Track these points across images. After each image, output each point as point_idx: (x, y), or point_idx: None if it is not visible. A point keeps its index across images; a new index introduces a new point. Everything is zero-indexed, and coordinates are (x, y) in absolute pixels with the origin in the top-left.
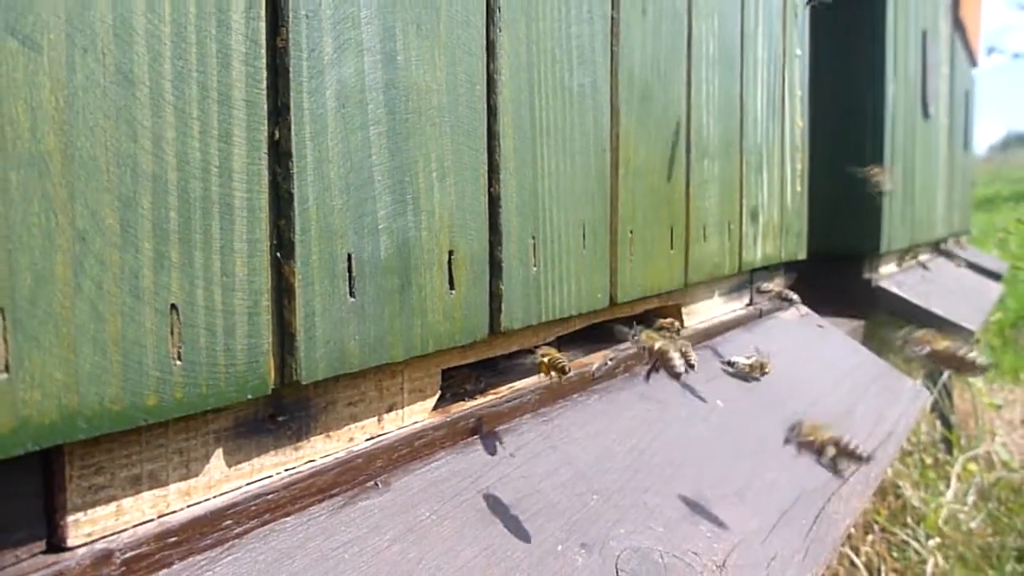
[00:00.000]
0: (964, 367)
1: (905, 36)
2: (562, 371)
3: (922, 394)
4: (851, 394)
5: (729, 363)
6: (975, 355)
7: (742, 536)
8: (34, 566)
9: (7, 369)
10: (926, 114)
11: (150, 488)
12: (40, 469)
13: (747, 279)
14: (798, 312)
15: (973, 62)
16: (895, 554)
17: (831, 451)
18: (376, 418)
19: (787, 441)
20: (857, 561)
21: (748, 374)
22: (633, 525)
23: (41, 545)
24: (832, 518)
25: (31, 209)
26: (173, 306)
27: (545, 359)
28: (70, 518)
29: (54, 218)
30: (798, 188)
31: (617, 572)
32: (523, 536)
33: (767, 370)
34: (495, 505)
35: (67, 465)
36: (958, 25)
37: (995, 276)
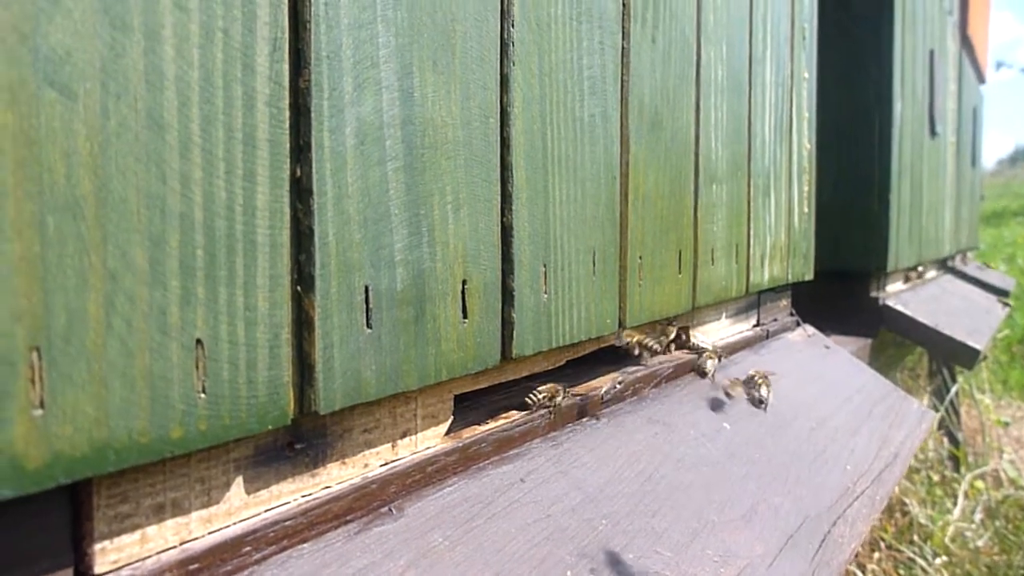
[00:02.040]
0: None
1: (913, 55)
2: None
3: (928, 416)
4: (856, 416)
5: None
6: None
7: (748, 560)
8: None
9: (42, 405)
10: (933, 132)
11: (173, 516)
12: (68, 499)
13: (754, 300)
14: (805, 333)
15: (981, 79)
16: (901, 572)
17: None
18: (390, 444)
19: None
20: None
21: (752, 388)
22: (641, 550)
23: (69, 573)
24: (838, 542)
25: (66, 251)
26: (199, 341)
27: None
28: (97, 546)
29: (87, 259)
30: (805, 210)
31: None
32: (534, 559)
33: (767, 393)
34: (506, 531)
35: (95, 495)
36: (966, 42)
37: (1002, 293)
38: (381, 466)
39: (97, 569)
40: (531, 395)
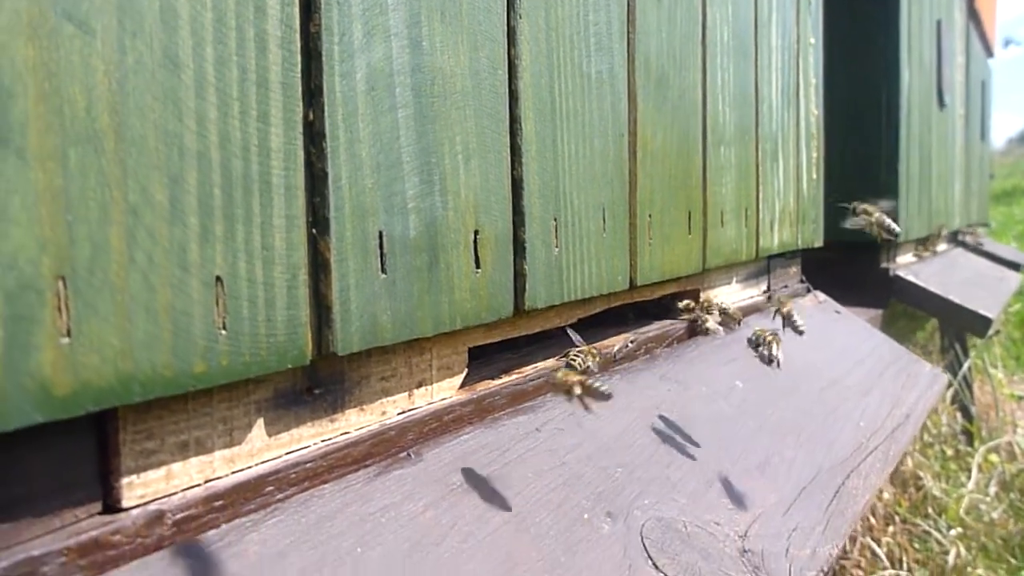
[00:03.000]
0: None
1: (919, 25)
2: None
3: (940, 378)
4: (868, 378)
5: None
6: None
7: (763, 509)
8: (92, 525)
9: (68, 334)
10: (942, 103)
11: (197, 454)
12: (95, 434)
13: (764, 266)
14: (816, 298)
15: (989, 52)
16: (916, 545)
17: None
18: (407, 393)
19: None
20: (879, 551)
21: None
22: (656, 497)
23: (98, 506)
24: (852, 493)
25: (88, 184)
26: (218, 278)
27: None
28: (124, 480)
29: (109, 192)
30: (814, 176)
31: (642, 540)
32: (551, 504)
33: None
34: (523, 476)
35: (120, 430)
36: (973, 15)
37: (1014, 266)
38: (398, 414)
39: (125, 503)
40: (572, 356)
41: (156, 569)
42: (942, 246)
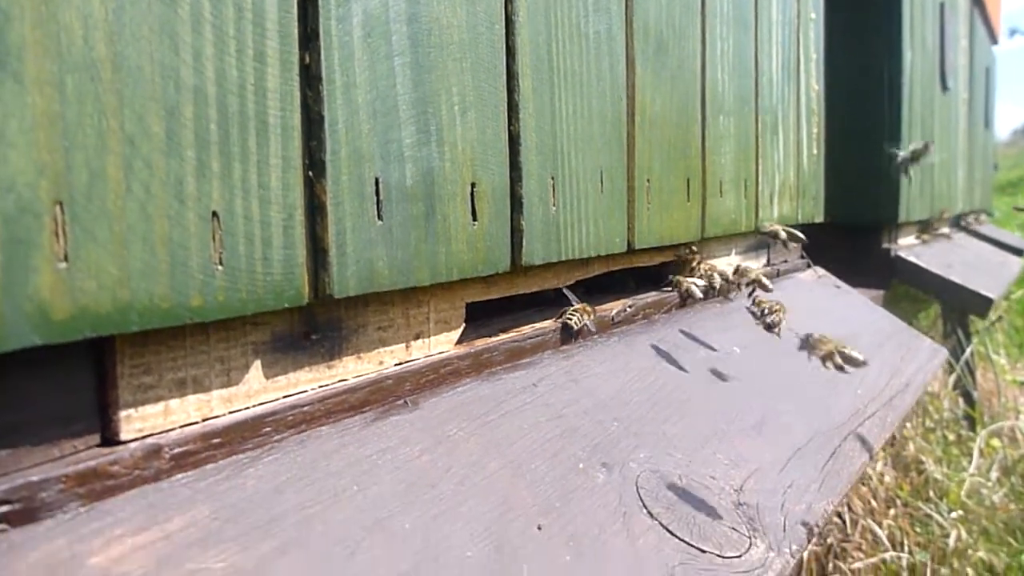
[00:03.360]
0: None
1: (922, 7)
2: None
3: (940, 353)
4: (867, 349)
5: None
6: None
7: (759, 465)
8: (91, 456)
9: (66, 259)
10: (945, 86)
11: (195, 392)
12: (93, 367)
13: (764, 239)
14: (815, 273)
15: (993, 39)
16: (918, 528)
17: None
18: (404, 344)
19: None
20: (880, 534)
21: (766, 315)
22: (652, 451)
23: (96, 438)
24: (848, 455)
25: (85, 111)
26: (214, 213)
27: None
28: (122, 413)
29: (106, 121)
30: (814, 151)
31: (637, 490)
32: (547, 453)
33: (780, 318)
34: (519, 427)
35: (118, 363)
36: (977, 1)
37: (1016, 251)
38: (396, 365)
39: (123, 436)
40: (568, 314)
41: (154, 499)
42: (945, 230)
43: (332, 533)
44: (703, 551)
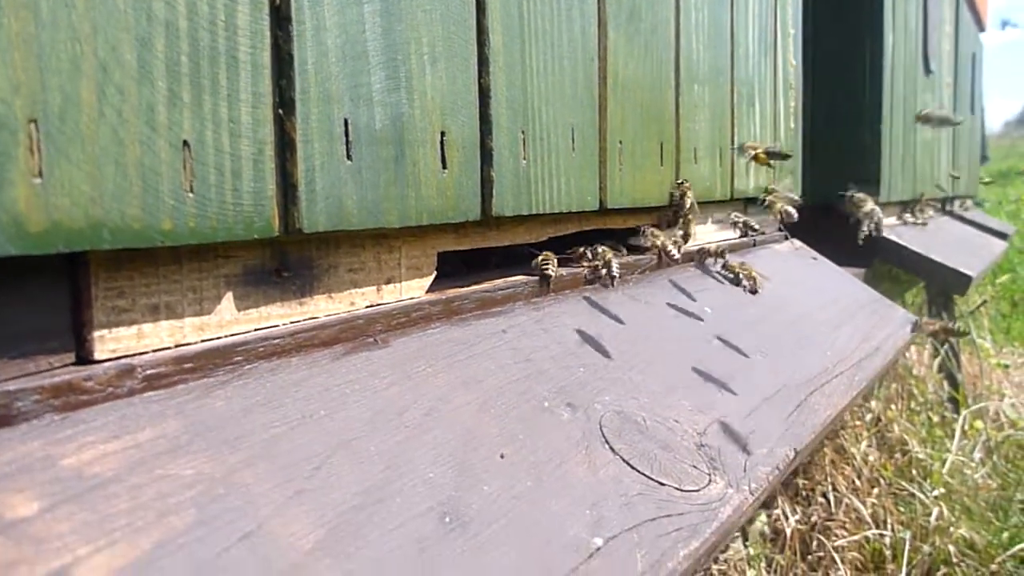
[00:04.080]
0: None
1: None
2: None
3: (912, 321)
4: (840, 315)
5: (723, 266)
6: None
7: (724, 413)
8: (66, 372)
9: (40, 175)
10: (928, 70)
11: (168, 318)
12: (69, 288)
13: (741, 209)
14: (792, 245)
15: (980, 26)
16: (901, 507)
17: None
18: (375, 287)
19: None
20: (864, 513)
21: (737, 276)
22: (618, 395)
23: (71, 357)
24: (814, 408)
25: (59, 36)
26: (185, 143)
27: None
28: (96, 334)
29: (79, 47)
30: (792, 125)
31: (600, 427)
32: (513, 392)
33: (756, 282)
34: (487, 368)
35: (93, 285)
36: None
37: (1000, 235)
38: (367, 307)
39: (97, 355)
40: (539, 260)
41: (126, 412)
42: (929, 213)
43: (299, 451)
44: (662, 484)
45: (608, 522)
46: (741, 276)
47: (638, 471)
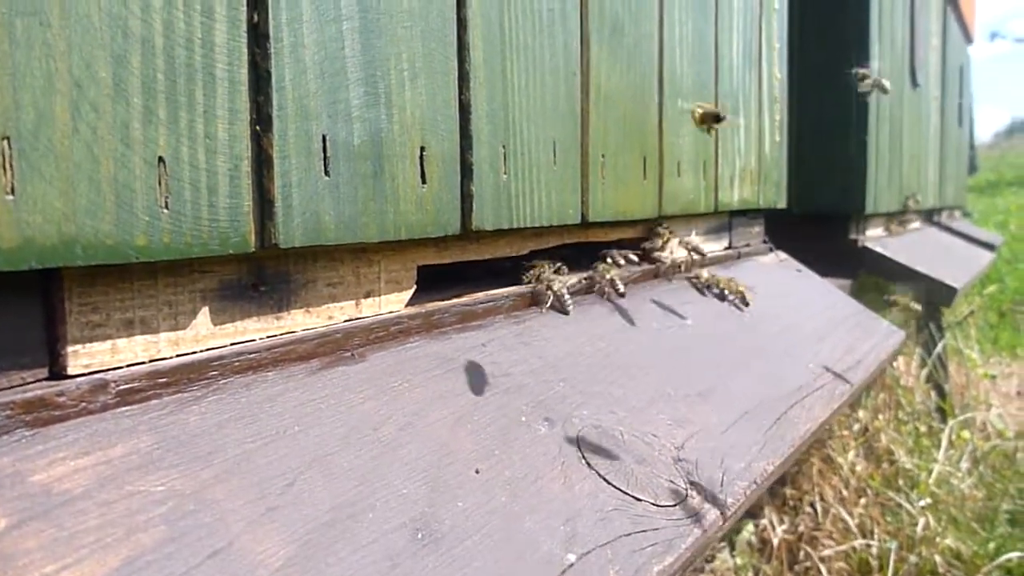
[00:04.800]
0: None
1: (891, 3)
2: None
3: (896, 334)
4: (824, 327)
5: (707, 280)
6: None
7: (702, 427)
8: (39, 387)
9: (12, 192)
10: (915, 82)
11: (142, 333)
12: (42, 304)
13: (726, 222)
14: (777, 257)
15: (968, 39)
16: (888, 517)
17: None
18: (354, 301)
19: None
20: (851, 523)
21: (722, 291)
22: (596, 408)
23: (44, 372)
24: (793, 421)
25: (33, 54)
26: (160, 159)
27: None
28: (70, 349)
29: (54, 64)
30: (777, 138)
31: (578, 443)
32: (491, 406)
33: (743, 296)
34: (465, 382)
35: (66, 300)
36: (951, 0)
37: (988, 246)
38: (345, 321)
39: (70, 370)
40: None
41: (98, 428)
42: (915, 224)
43: (272, 466)
44: (638, 499)
45: (582, 538)
46: (726, 291)
47: (614, 486)
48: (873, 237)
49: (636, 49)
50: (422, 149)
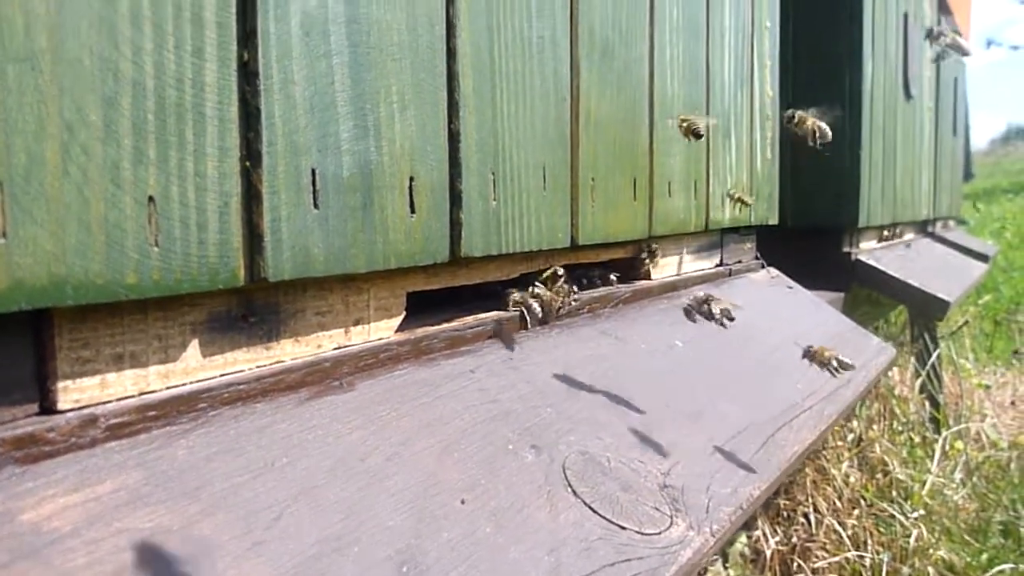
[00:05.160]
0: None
1: (884, 17)
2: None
3: (887, 350)
4: (814, 344)
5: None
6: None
7: (689, 452)
8: (29, 423)
9: (4, 235)
10: (908, 95)
11: (132, 367)
12: (32, 340)
13: (717, 240)
14: (768, 274)
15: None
16: (882, 528)
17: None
18: (343, 329)
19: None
20: (844, 535)
21: (711, 312)
22: (583, 435)
23: (34, 408)
24: (780, 444)
25: (25, 99)
26: (151, 198)
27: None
28: (60, 384)
29: (45, 108)
30: (768, 155)
31: (564, 470)
32: (477, 434)
33: (728, 313)
34: (453, 410)
35: (57, 336)
36: (945, 11)
37: (982, 257)
38: (334, 349)
39: (60, 406)
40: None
41: (88, 464)
42: (909, 235)
43: (259, 499)
44: (623, 528)
45: (567, 568)
46: (716, 310)
47: (599, 515)
48: (866, 250)
49: (627, 72)
50: (411, 179)
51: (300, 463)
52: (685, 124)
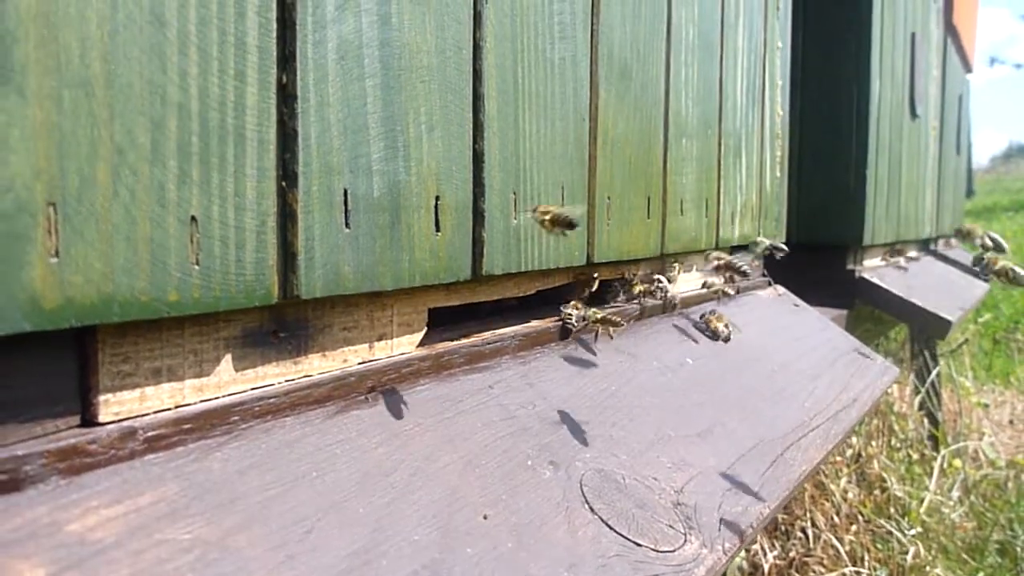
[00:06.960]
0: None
1: (892, 37)
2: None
3: (891, 371)
4: (819, 364)
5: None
6: None
7: (701, 469)
8: (71, 435)
9: (56, 255)
10: (914, 114)
11: (169, 381)
12: (76, 355)
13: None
14: (775, 291)
15: (967, 68)
16: (879, 545)
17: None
18: (367, 344)
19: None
20: (841, 551)
21: (715, 330)
22: (599, 452)
23: (76, 420)
24: (789, 463)
25: (79, 123)
26: (193, 218)
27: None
28: (101, 398)
29: (97, 132)
30: (778, 174)
31: (581, 487)
32: (497, 450)
33: (728, 330)
34: (473, 425)
35: (100, 351)
36: (951, 30)
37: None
38: (359, 363)
39: (101, 418)
40: (564, 312)
41: (128, 476)
42: (912, 253)
43: (291, 513)
44: (639, 544)
45: None
46: (725, 328)
47: (616, 531)
48: (870, 267)
49: (643, 92)
50: (437, 198)
51: (328, 477)
52: (548, 217)
